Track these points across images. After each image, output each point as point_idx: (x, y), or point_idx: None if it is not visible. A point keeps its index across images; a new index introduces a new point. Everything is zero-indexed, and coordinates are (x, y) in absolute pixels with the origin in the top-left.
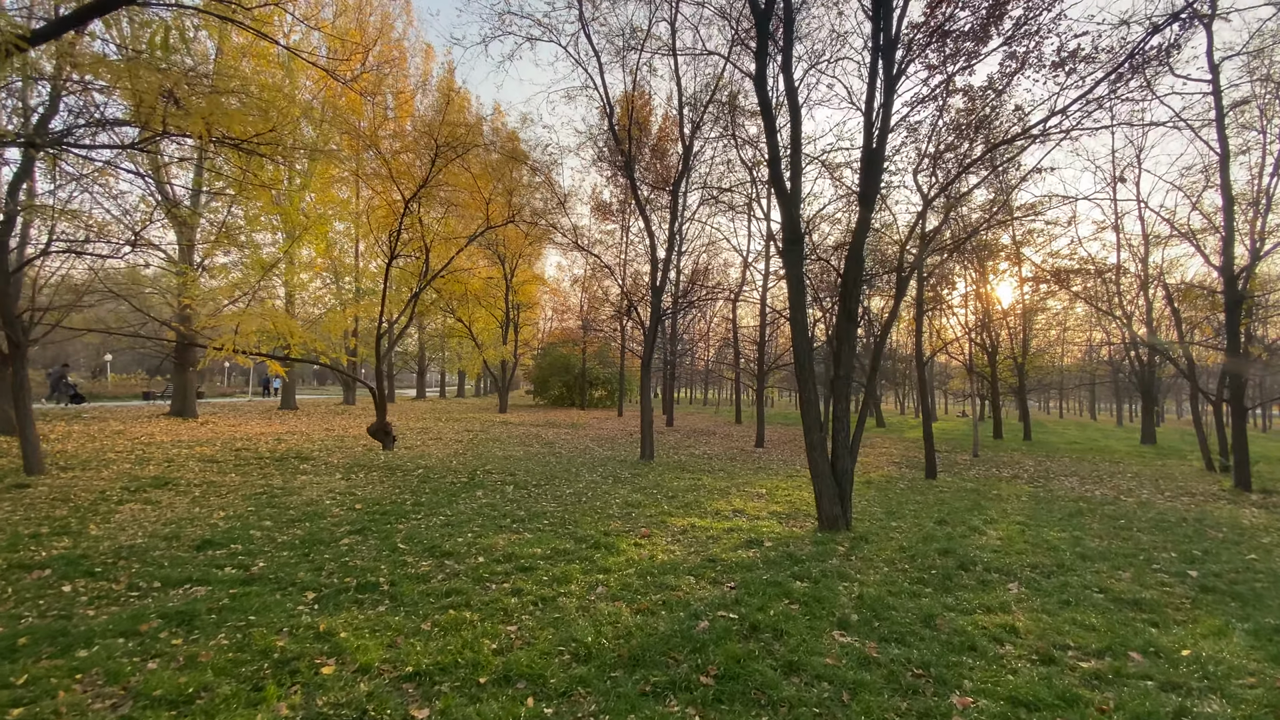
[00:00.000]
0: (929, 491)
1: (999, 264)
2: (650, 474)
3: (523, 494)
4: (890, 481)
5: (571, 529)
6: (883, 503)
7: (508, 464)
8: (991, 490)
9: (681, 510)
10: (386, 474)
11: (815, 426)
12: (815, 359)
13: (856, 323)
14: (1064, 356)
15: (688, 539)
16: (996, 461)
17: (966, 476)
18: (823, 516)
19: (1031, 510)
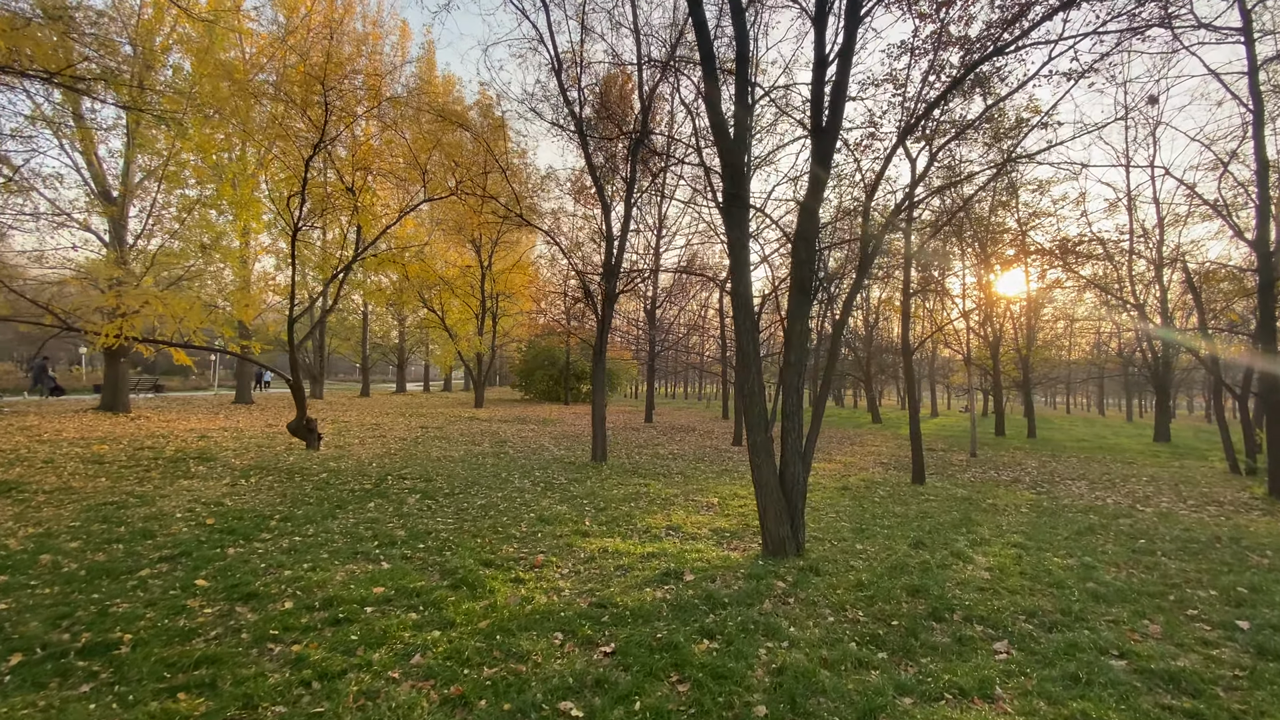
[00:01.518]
0: (913, 500)
1: (1002, 249)
2: (591, 479)
3: (424, 505)
4: (870, 487)
5: (447, 557)
6: (854, 516)
7: (434, 467)
8: (987, 499)
9: (603, 528)
10: (283, 479)
11: (759, 425)
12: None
13: (811, 297)
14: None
15: (589, 571)
16: (996, 462)
17: (960, 480)
18: (767, 539)
19: (1032, 526)
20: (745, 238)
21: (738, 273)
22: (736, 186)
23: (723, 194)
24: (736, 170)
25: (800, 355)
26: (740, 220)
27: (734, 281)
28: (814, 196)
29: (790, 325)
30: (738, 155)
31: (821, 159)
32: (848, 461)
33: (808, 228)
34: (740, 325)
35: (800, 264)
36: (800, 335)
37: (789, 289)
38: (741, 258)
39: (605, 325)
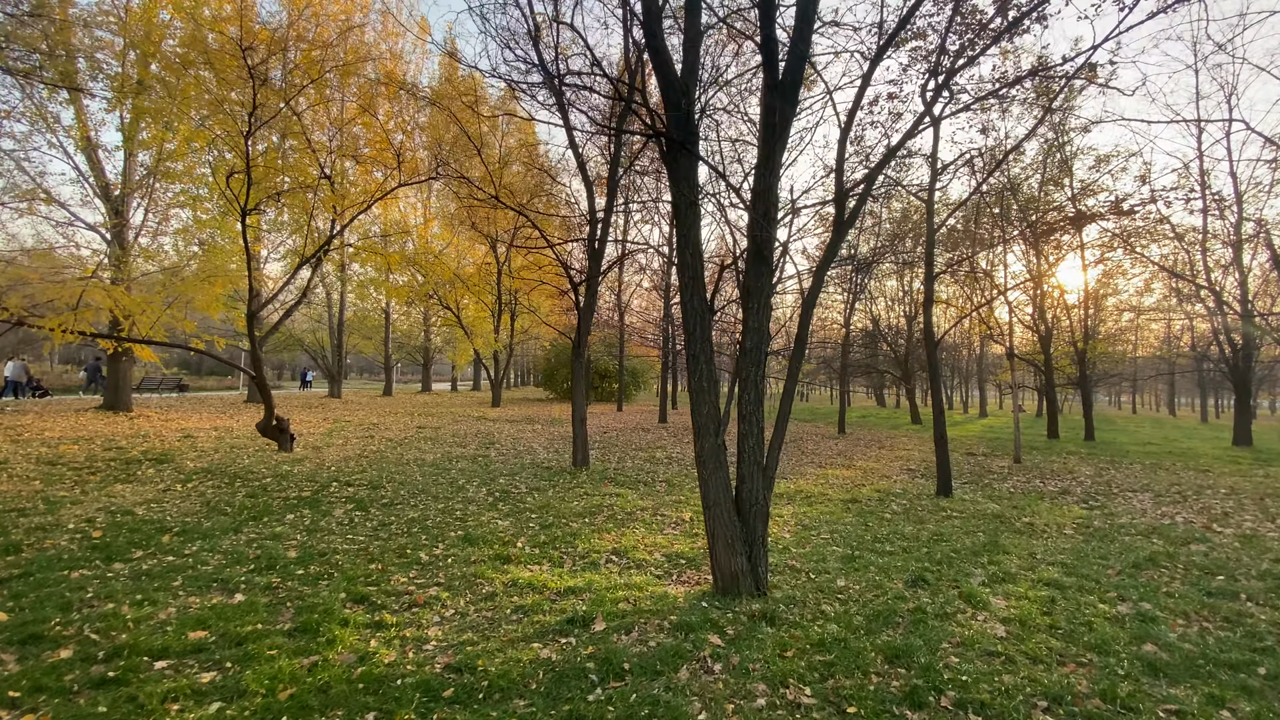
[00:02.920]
0: (931, 518)
1: (1053, 227)
2: (556, 488)
3: (349, 518)
4: (883, 501)
5: (318, 589)
6: (851, 538)
7: (395, 472)
8: (1023, 515)
9: (534, 552)
10: (223, 484)
11: (709, 429)
12: None
13: (772, 267)
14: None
15: (479, 612)
16: (1044, 470)
17: (996, 492)
18: (718, 573)
19: (1075, 554)
20: (694, 194)
21: (683, 238)
22: (682, 131)
23: (665, 138)
24: (682, 110)
25: (759, 341)
26: (687, 173)
27: (678, 249)
28: (770, 135)
29: (746, 302)
30: (684, 90)
31: (781, 89)
32: (869, 468)
33: (765, 177)
34: (686, 303)
35: (758, 224)
36: (759, 315)
37: (747, 256)
38: (689, 219)
39: (588, 312)
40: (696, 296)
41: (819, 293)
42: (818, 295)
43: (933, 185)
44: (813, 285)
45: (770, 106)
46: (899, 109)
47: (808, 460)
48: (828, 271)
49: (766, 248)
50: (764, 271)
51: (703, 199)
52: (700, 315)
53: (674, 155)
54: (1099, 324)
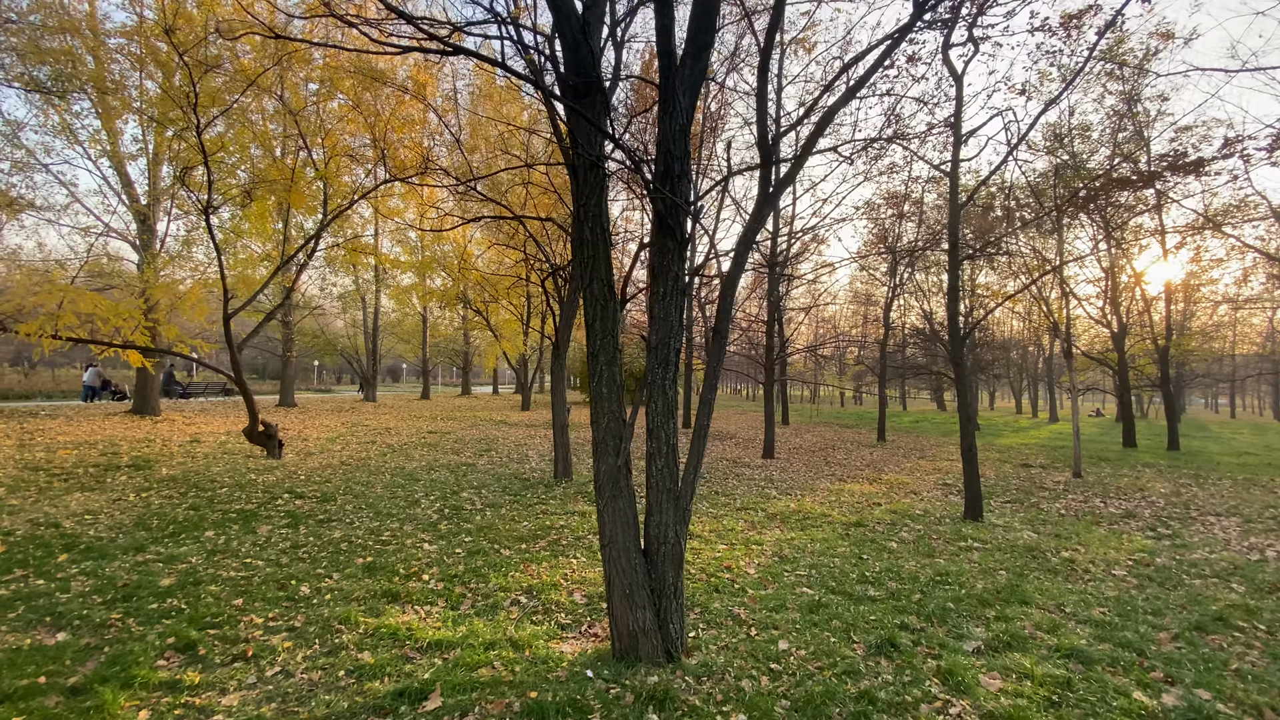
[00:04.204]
0: (944, 550)
1: (1097, 199)
2: (518, 504)
3: (272, 536)
4: (895, 525)
5: (158, 627)
6: (831, 576)
7: (363, 481)
8: (1065, 548)
9: (438, 586)
10: (179, 493)
11: (607, 447)
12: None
13: (681, 240)
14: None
15: (309, 671)
16: (1108, 486)
17: (1041, 514)
18: (615, 632)
19: (1119, 608)
20: (595, 154)
21: (582, 208)
22: (579, 74)
23: (559, 79)
24: (581, 49)
25: (668, 335)
26: (587, 127)
27: (575, 222)
28: (668, 67)
29: (653, 285)
30: (581, 26)
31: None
32: (897, 482)
33: (666, 123)
34: (586, 288)
35: (666, 175)
36: (668, 303)
37: (652, 223)
38: (590, 185)
39: (570, 307)
40: (598, 281)
41: (739, 275)
42: (738, 278)
43: (956, 154)
44: (732, 267)
45: (664, 27)
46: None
47: (828, 472)
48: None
49: (671, 216)
50: (671, 246)
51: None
52: (602, 304)
53: (573, 99)
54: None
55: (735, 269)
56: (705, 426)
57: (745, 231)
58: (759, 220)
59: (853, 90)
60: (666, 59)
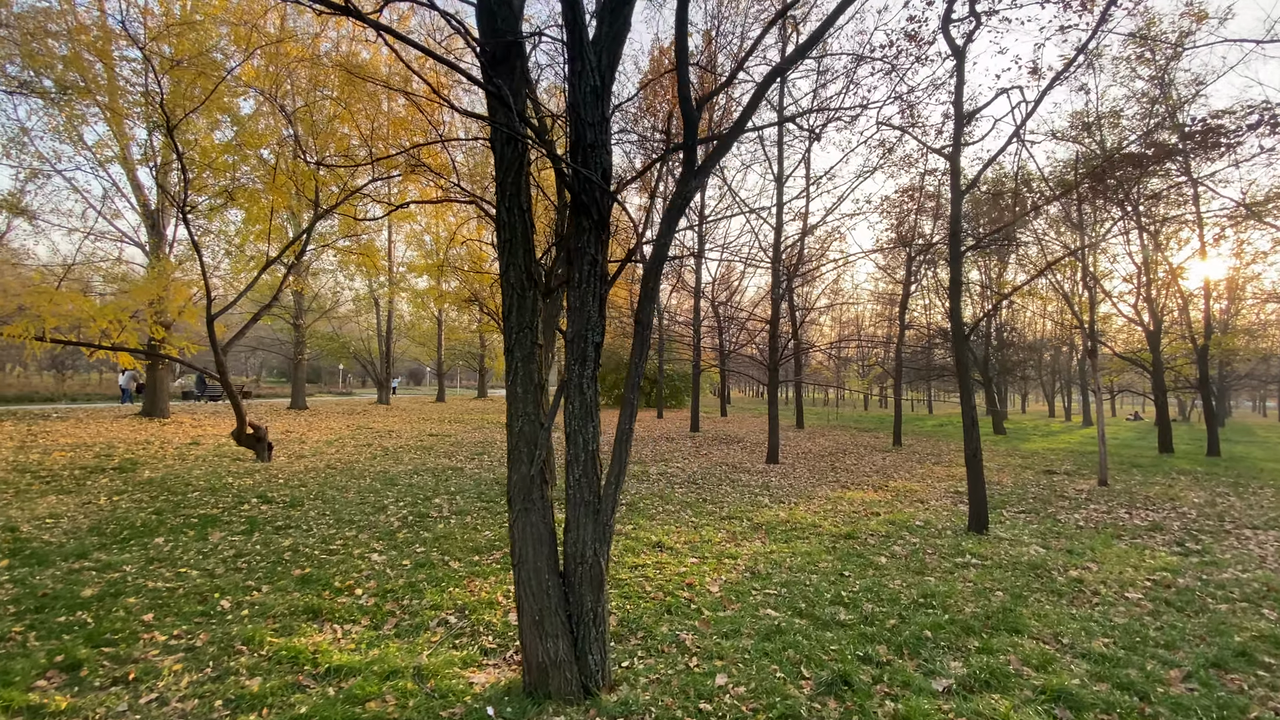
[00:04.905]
0: (937, 566)
1: (1105, 179)
2: (486, 512)
3: (221, 543)
4: (889, 537)
5: (54, 643)
6: (803, 595)
7: (339, 485)
8: (1075, 565)
9: (368, 602)
10: (150, 497)
11: (520, 454)
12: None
13: (601, 221)
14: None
15: (186, 700)
16: (1136, 495)
17: (1057, 526)
18: (527, 663)
19: (1127, 637)
20: (514, 126)
21: (500, 186)
22: (493, 30)
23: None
24: None
25: (586, 328)
26: (506, 94)
27: (497, 201)
28: (576, 14)
29: (569, 272)
30: None
31: None
32: (905, 490)
33: (576, 81)
34: (503, 275)
35: (577, 122)
36: (583, 290)
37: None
38: (508, 160)
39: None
40: (515, 267)
41: (663, 262)
42: (660, 266)
43: (958, 136)
44: (654, 252)
45: None
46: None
47: (832, 479)
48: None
49: (586, 192)
50: (586, 227)
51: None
52: (519, 293)
53: (493, 60)
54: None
55: (657, 255)
56: (628, 431)
57: (667, 212)
58: (683, 199)
59: (804, 48)
60: (571, 9)
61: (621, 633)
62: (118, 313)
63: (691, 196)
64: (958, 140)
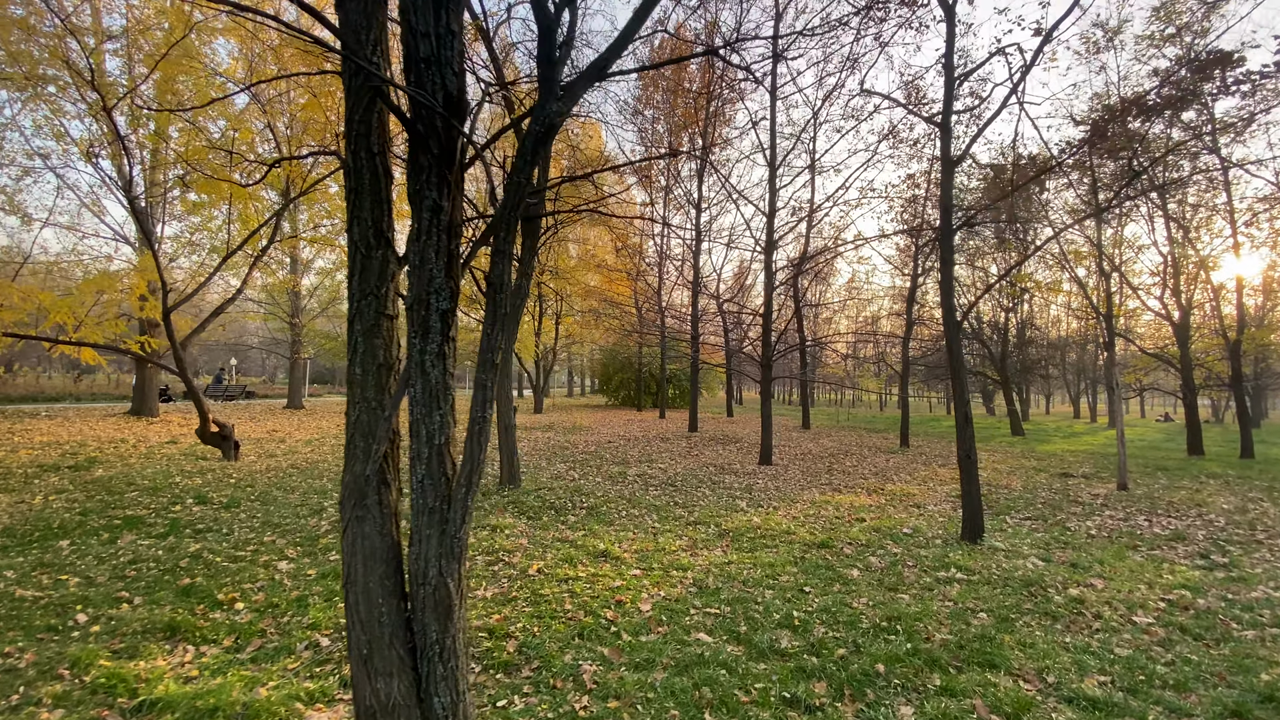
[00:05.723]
0: (917, 581)
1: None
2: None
3: (125, 548)
4: (869, 545)
5: None
6: (747, 616)
7: (288, 485)
8: (1076, 581)
9: (244, 620)
10: (88, 496)
11: (358, 447)
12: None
13: (446, 157)
14: None
15: None
16: (1158, 501)
17: (1064, 535)
18: (358, 706)
19: (1128, 673)
20: (365, 53)
21: (350, 115)
22: None
23: None
24: None
25: (425, 290)
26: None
27: (346, 133)
28: None
29: (416, 221)
30: None
31: None
32: (902, 493)
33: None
34: (349, 233)
35: (406, 67)
36: (424, 241)
37: None
38: (358, 94)
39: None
40: (359, 223)
41: (517, 208)
42: (516, 214)
43: (948, 102)
44: (507, 199)
45: None
46: None
47: (825, 481)
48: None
49: (423, 119)
50: (425, 164)
51: None
52: (364, 253)
53: None
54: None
55: (509, 201)
56: (483, 419)
57: (521, 146)
58: (541, 128)
59: None
60: None
61: (516, 662)
62: (74, 307)
63: (552, 124)
64: (948, 104)
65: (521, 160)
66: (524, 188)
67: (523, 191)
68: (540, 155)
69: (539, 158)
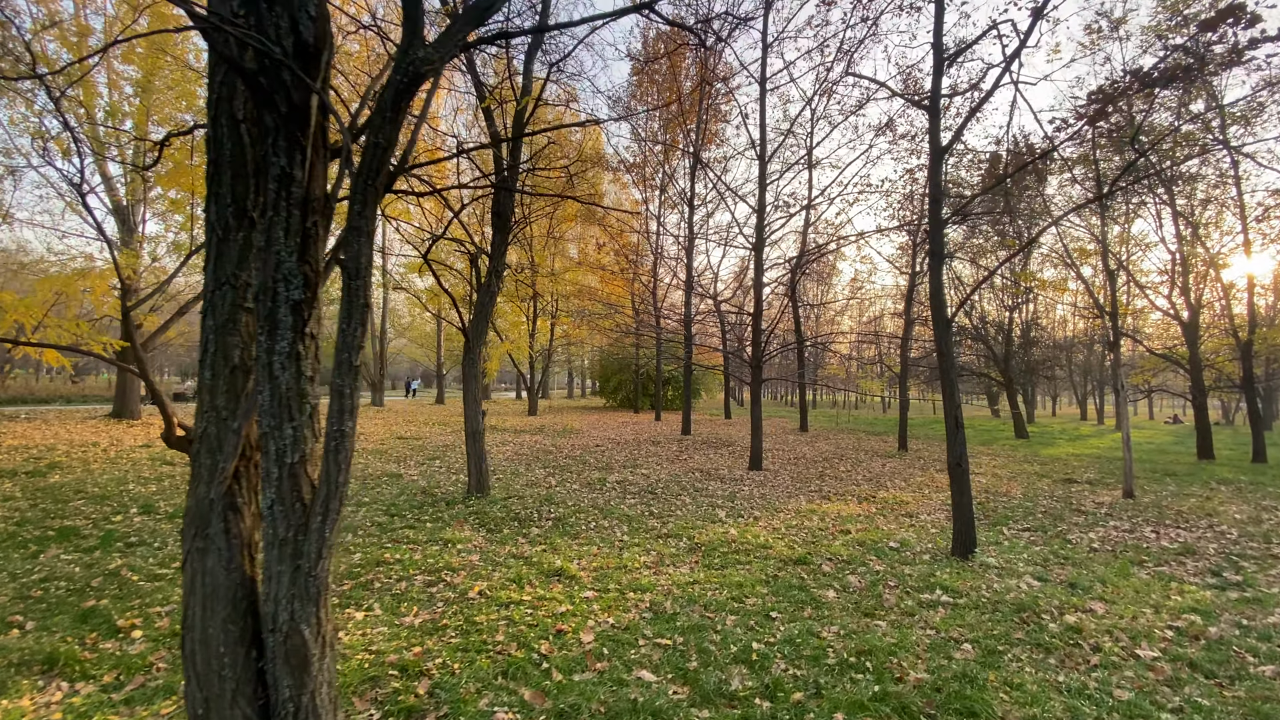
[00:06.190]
0: (899, 605)
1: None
2: (383, 530)
3: (34, 563)
4: (856, 559)
5: None
6: (700, 648)
7: None
8: (1077, 606)
9: (135, 651)
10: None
11: (203, 465)
12: None
13: (294, 116)
14: None
15: None
16: (1166, 509)
17: (1065, 549)
18: None
19: (1135, 717)
20: (229, 10)
21: (211, 78)
22: None
23: None
24: None
25: (272, 277)
26: None
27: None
28: None
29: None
30: None
31: None
32: (894, 500)
33: None
34: (206, 212)
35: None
36: (270, 217)
37: None
38: (218, 48)
39: (486, 295)
40: (218, 201)
41: (378, 173)
42: (376, 178)
43: (937, 82)
44: (366, 159)
45: None
46: None
47: (815, 488)
48: None
49: (267, 72)
50: (272, 125)
51: None
52: (220, 234)
53: None
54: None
55: (369, 162)
56: (340, 434)
57: (381, 94)
58: (404, 76)
59: None
60: None
61: (423, 707)
62: (31, 306)
63: (418, 73)
64: (937, 85)
65: (380, 117)
66: (385, 151)
67: (383, 156)
68: (403, 110)
69: (401, 114)
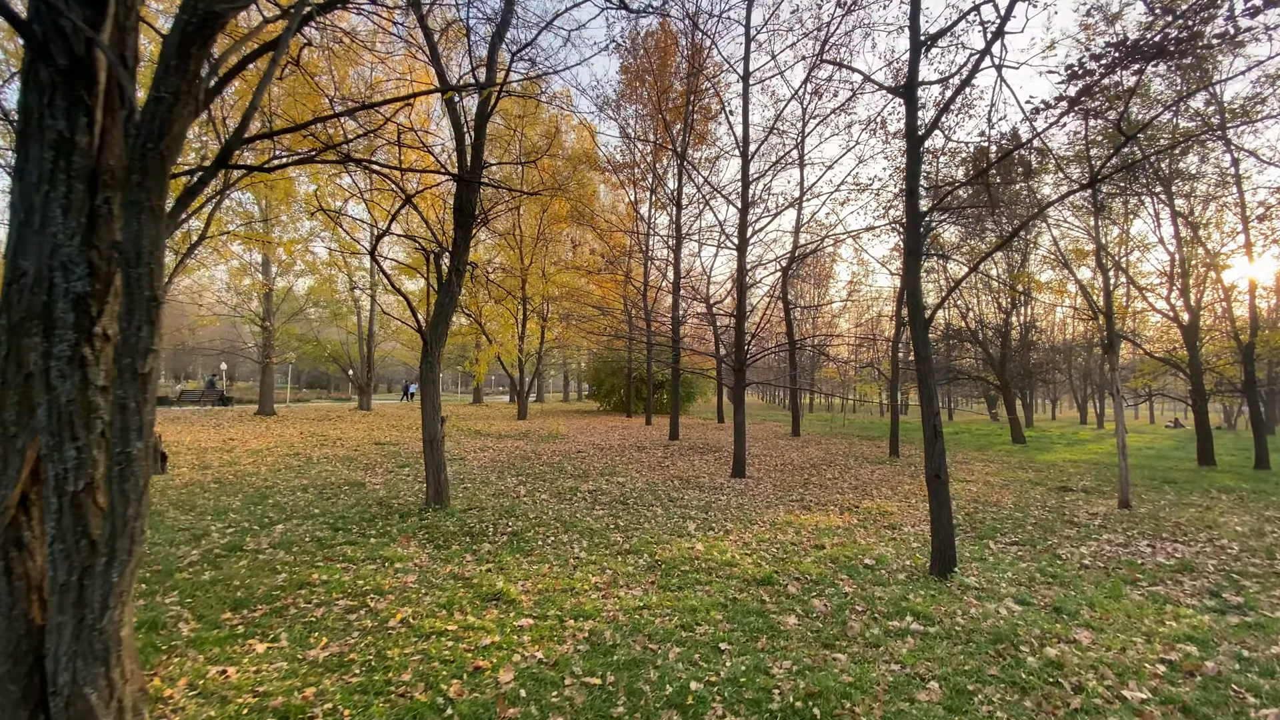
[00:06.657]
0: (863, 635)
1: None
2: (323, 545)
3: None
4: (826, 578)
5: None
6: (632, 690)
7: (208, 503)
8: (1060, 635)
9: None
10: None
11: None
12: None
13: (76, 70)
14: None
15: None
16: (1163, 520)
17: (1054, 565)
18: None
19: None
20: None
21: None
22: None
23: None
24: None
25: (51, 257)
26: None
27: None
28: None
29: None
30: None
31: None
32: (878, 510)
33: None
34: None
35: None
36: (44, 183)
37: None
38: None
39: (446, 295)
40: (20, 177)
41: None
42: (155, 193)
43: (914, 68)
44: (150, 106)
45: None
46: None
47: (797, 496)
48: None
49: (41, 18)
50: (46, 79)
51: None
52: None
53: None
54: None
55: (141, 134)
56: (126, 457)
57: (161, 55)
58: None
59: None
60: None
61: None
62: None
63: (208, 12)
64: (914, 71)
65: (163, 67)
66: (171, 108)
67: (168, 113)
68: (193, 58)
69: (190, 62)
